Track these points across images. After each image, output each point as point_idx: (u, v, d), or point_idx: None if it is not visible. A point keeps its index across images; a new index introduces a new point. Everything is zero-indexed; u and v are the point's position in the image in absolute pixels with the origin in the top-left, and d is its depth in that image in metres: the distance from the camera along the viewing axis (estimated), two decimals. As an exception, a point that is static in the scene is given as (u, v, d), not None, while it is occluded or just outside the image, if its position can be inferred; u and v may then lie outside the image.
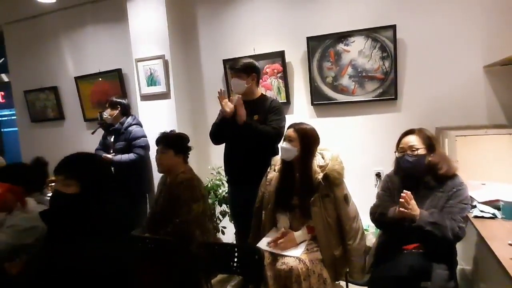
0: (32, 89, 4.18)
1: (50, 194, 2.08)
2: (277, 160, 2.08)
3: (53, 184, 2.03)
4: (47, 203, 1.81)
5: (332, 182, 1.81)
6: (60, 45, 3.99)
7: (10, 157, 4.85)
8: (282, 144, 1.98)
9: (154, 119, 3.30)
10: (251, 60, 2.39)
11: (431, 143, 1.83)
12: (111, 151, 3.09)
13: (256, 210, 2.10)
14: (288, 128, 2.04)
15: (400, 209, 1.66)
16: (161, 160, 2.23)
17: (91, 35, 3.82)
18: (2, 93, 5.21)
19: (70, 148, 3.76)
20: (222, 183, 3.10)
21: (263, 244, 1.92)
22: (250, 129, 2.21)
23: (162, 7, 3.13)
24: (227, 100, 2.27)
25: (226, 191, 3.05)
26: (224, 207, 3.07)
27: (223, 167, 3.10)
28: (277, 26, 3.04)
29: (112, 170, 2.42)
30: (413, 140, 1.83)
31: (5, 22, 4.16)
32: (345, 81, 2.82)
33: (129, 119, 3.14)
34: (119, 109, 3.09)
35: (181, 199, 2.09)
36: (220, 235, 3.01)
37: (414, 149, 1.81)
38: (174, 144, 2.22)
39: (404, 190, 1.66)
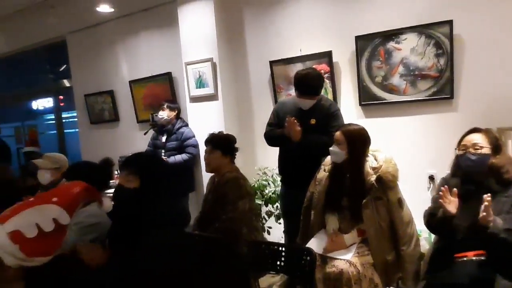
0: (91, 93, 4.50)
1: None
2: (327, 160, 2.06)
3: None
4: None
5: (386, 184, 1.76)
6: (116, 51, 4.25)
7: (71, 156, 5.26)
8: (331, 147, 1.97)
9: (202, 120, 3.41)
10: (317, 74, 2.35)
11: (497, 144, 1.70)
12: (162, 151, 3.26)
13: (304, 210, 2.11)
14: (336, 130, 2.02)
15: (440, 200, 1.56)
16: (209, 160, 2.30)
17: (143, 41, 4.03)
18: (61, 97, 5.66)
19: (124, 147, 4.06)
20: (268, 183, 3.13)
21: (312, 245, 1.92)
22: (307, 145, 2.23)
23: (210, 12, 3.24)
24: (298, 129, 2.21)
25: (273, 191, 3.08)
26: (270, 207, 3.10)
27: (269, 168, 3.18)
28: (324, 27, 3.01)
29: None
30: (478, 138, 1.70)
31: (69, 32, 4.51)
32: (396, 80, 2.73)
33: (180, 121, 3.33)
34: (176, 112, 3.28)
35: (227, 197, 2.15)
36: (265, 235, 3.05)
37: (478, 147, 1.68)
38: (222, 145, 2.29)
39: (485, 196, 1.52)
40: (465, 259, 1.62)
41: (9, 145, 5.39)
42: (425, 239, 2.36)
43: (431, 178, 2.67)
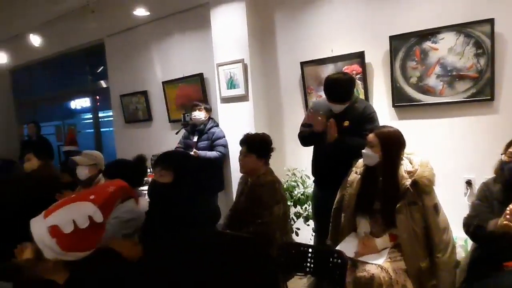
0: (126, 93, 4.67)
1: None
2: (359, 162, 2.03)
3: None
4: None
5: (422, 189, 1.71)
6: (151, 53, 4.39)
7: (107, 154, 5.47)
8: (363, 150, 1.94)
9: (232, 121, 3.46)
10: (348, 79, 2.31)
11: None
12: (193, 150, 3.34)
13: (334, 211, 2.09)
14: (369, 133, 1.98)
15: (505, 222, 1.49)
16: (244, 162, 2.29)
17: (176, 43, 4.14)
18: (98, 97, 5.91)
19: (157, 146, 4.17)
20: (297, 185, 3.13)
21: (342, 248, 1.89)
22: (341, 145, 2.20)
23: (242, 13, 3.27)
24: (321, 119, 2.23)
25: (302, 192, 3.08)
26: (299, 208, 3.09)
27: (298, 169, 3.18)
28: (356, 27, 2.96)
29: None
30: None
31: (107, 35, 4.71)
32: (432, 81, 2.64)
33: (211, 121, 3.40)
34: (210, 113, 3.36)
35: (263, 201, 2.14)
36: (293, 236, 3.04)
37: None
38: (257, 148, 2.26)
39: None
40: (507, 269, 1.54)
41: (51, 142, 5.71)
42: (461, 246, 2.27)
43: (469, 183, 2.56)
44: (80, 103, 6.52)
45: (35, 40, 4.40)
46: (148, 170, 3.27)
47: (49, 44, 4.56)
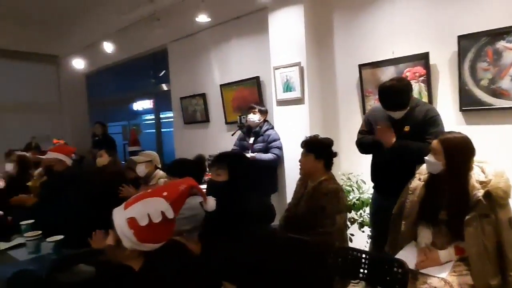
0: (186, 96, 4.92)
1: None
2: (422, 168, 1.94)
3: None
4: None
5: (496, 201, 1.58)
6: (210, 57, 4.58)
7: (166, 153, 5.81)
8: (426, 157, 1.85)
9: (288, 124, 3.48)
10: (403, 86, 2.20)
11: None
12: (249, 152, 3.42)
13: (394, 218, 2.01)
14: (434, 138, 1.89)
15: None
16: (302, 163, 2.32)
17: (234, 47, 4.27)
18: (152, 100, 6.29)
19: (213, 147, 4.33)
20: (352, 190, 3.06)
21: (400, 257, 1.82)
22: (401, 151, 2.13)
23: (300, 17, 3.29)
24: (391, 134, 2.15)
25: (357, 198, 3.00)
26: (353, 214, 3.02)
27: (354, 173, 3.11)
28: (420, 27, 2.83)
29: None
30: None
31: (170, 41, 5.01)
32: (506, 83, 2.43)
33: (266, 124, 3.47)
34: (265, 115, 3.44)
35: (326, 210, 2.12)
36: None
37: None
38: (315, 148, 2.27)
39: None
40: None
41: (115, 140, 6.18)
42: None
43: (549, 196, 2.31)
44: (141, 105, 6.98)
45: (108, 47, 4.82)
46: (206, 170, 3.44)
47: (120, 51, 4.96)
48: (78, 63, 5.64)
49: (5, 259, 2.01)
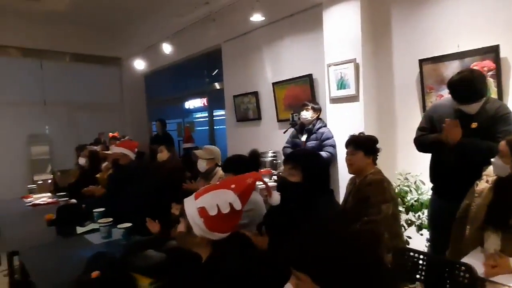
0: (238, 94, 5.04)
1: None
2: (490, 170, 1.82)
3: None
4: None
5: None
6: (262, 56, 4.65)
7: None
8: (493, 159, 1.73)
9: (341, 121, 3.43)
10: (476, 76, 2.05)
11: None
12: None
13: (458, 221, 1.90)
14: (504, 136, 1.76)
15: None
16: (351, 161, 2.28)
17: (287, 45, 4.29)
18: (206, 98, 6.50)
19: (265, 144, 4.39)
20: (410, 190, 2.94)
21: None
22: (467, 149, 2.02)
23: (356, 12, 3.22)
24: (458, 129, 2.03)
25: (415, 199, 2.88)
26: (411, 215, 2.90)
27: (412, 173, 2.98)
28: (488, 18, 2.64)
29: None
30: None
31: (224, 41, 5.16)
32: None
33: (319, 121, 3.44)
34: (318, 112, 3.42)
35: (370, 200, 2.10)
36: (404, 244, 2.88)
37: None
38: (364, 145, 2.24)
39: None
40: None
41: (172, 137, 6.50)
42: None
43: None
44: (193, 103, 7.28)
45: (166, 48, 5.09)
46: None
47: (176, 51, 5.21)
48: (139, 64, 6.02)
49: (82, 242, 2.24)
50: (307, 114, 3.52)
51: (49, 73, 6.60)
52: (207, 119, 6.52)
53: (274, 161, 4.18)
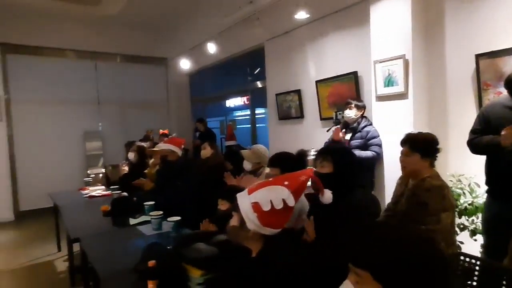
0: (281, 92, 5.04)
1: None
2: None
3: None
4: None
5: None
6: (305, 53, 4.62)
7: (260, 148, 6.02)
8: None
9: (388, 120, 3.32)
10: None
11: None
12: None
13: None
14: None
15: None
16: (405, 163, 2.14)
17: (331, 42, 4.23)
18: (247, 96, 6.57)
19: (307, 142, 4.37)
20: (464, 193, 2.79)
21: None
22: None
23: (406, 6, 3.09)
24: None
25: (469, 202, 2.73)
26: (464, 219, 2.75)
27: (465, 175, 2.82)
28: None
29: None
30: None
31: (267, 39, 5.19)
32: None
33: (364, 120, 3.36)
34: (362, 110, 3.34)
35: (429, 207, 1.98)
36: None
37: None
38: (421, 147, 2.09)
39: None
40: None
41: (215, 134, 6.66)
42: None
43: None
44: (233, 101, 7.40)
45: (211, 48, 5.22)
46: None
47: (221, 51, 5.32)
48: (184, 64, 6.23)
49: (135, 233, 2.37)
50: (350, 113, 3.45)
51: (102, 74, 7.05)
52: (247, 117, 6.61)
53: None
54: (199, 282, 1.42)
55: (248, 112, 6.71)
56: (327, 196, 1.36)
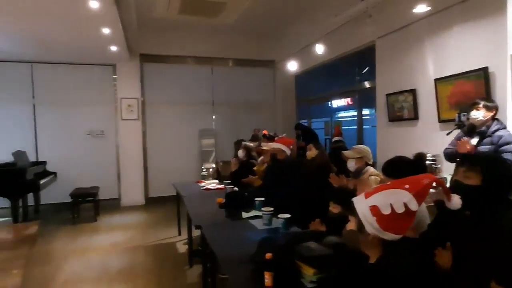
0: (392, 92, 4.74)
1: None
2: None
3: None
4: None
5: None
6: (423, 50, 4.24)
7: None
8: None
9: (529, 123, 2.84)
10: None
11: None
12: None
13: None
14: None
15: None
16: None
17: (455, 36, 3.79)
18: (355, 96, 6.31)
19: (422, 146, 4.02)
20: None
21: None
22: None
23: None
24: None
25: None
26: None
27: None
28: None
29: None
30: None
31: (378, 37, 4.94)
32: None
33: (496, 123, 2.92)
34: (493, 112, 2.93)
35: None
36: None
37: None
38: None
39: None
40: None
41: (317, 135, 6.65)
42: None
43: None
44: (337, 102, 7.23)
45: (319, 48, 5.21)
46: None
47: (329, 51, 5.28)
48: (292, 65, 6.36)
49: (247, 226, 2.55)
50: (478, 114, 3.02)
51: (217, 77, 7.82)
52: (350, 118, 6.40)
53: (433, 165, 3.78)
54: (312, 280, 1.46)
55: (352, 113, 6.50)
56: (455, 201, 1.24)
